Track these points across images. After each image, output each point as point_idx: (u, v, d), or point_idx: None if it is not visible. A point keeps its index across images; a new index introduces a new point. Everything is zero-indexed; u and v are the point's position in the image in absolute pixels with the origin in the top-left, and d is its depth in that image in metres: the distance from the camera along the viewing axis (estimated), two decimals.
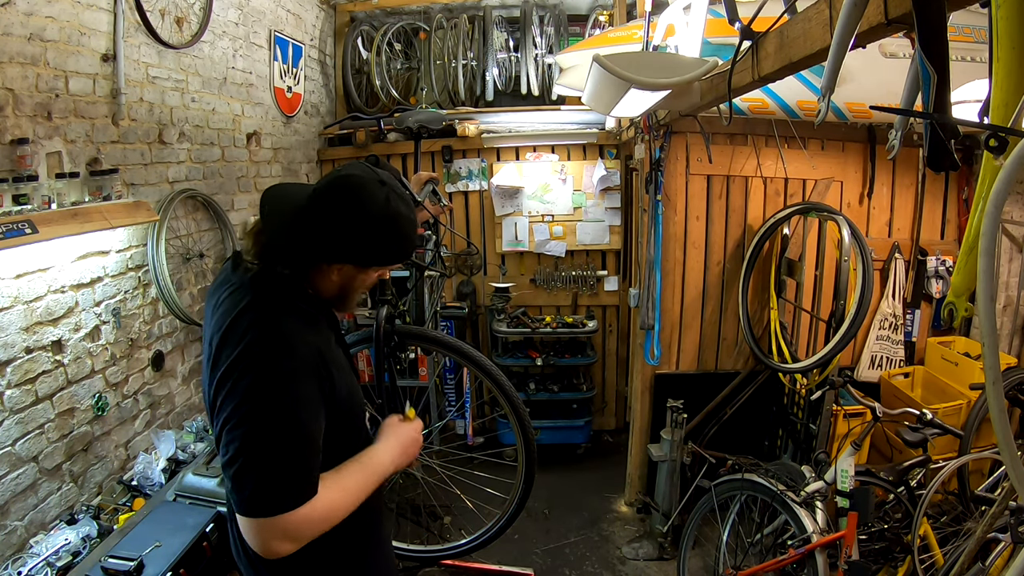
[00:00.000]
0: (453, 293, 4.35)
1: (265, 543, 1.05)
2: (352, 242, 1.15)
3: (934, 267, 3.28)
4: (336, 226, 1.13)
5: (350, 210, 1.13)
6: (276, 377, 1.06)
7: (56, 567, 1.82)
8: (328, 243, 1.14)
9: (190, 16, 2.74)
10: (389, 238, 1.17)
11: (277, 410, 1.05)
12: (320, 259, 1.17)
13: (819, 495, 2.31)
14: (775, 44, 1.43)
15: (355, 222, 1.13)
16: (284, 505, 1.03)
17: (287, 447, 1.05)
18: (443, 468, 2.32)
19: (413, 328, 2.01)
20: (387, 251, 1.20)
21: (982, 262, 0.71)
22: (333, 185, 1.15)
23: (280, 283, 1.16)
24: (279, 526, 1.04)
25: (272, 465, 1.04)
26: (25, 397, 1.93)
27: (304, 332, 1.13)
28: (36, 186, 1.87)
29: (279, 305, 1.13)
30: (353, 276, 1.22)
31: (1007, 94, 0.83)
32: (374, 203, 1.13)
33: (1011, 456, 0.76)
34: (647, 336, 3.25)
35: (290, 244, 1.15)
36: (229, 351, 1.07)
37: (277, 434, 1.05)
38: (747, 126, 3.13)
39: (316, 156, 4.30)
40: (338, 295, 1.24)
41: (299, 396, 1.08)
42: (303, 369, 1.10)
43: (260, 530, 1.04)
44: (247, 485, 1.03)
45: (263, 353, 1.06)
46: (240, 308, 1.11)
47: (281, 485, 1.04)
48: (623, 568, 3.13)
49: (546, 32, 4.27)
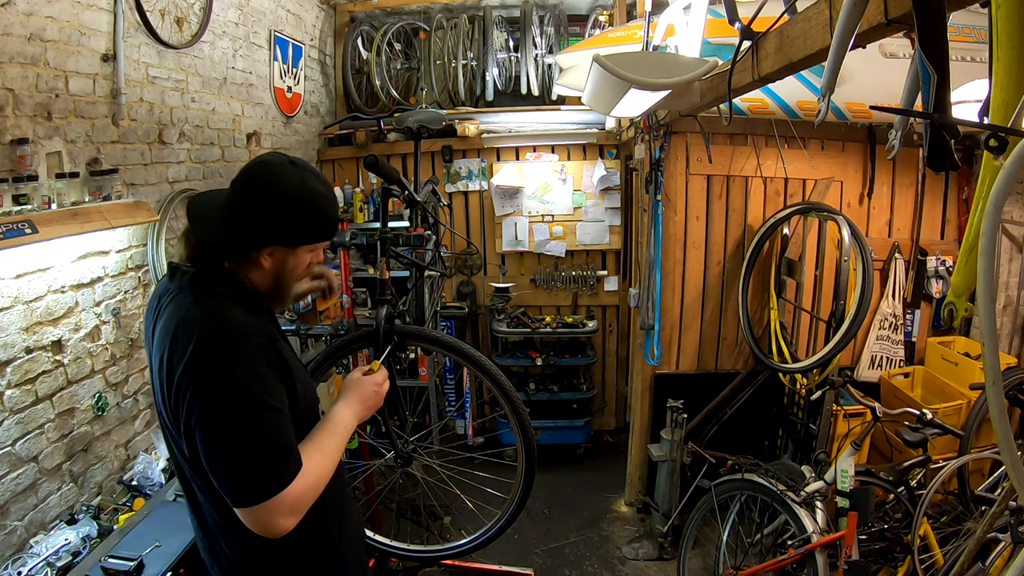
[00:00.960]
0: (453, 293, 4.35)
1: (273, 524, 1.07)
2: (274, 222, 1.18)
3: (934, 267, 3.28)
4: (256, 209, 1.17)
5: (266, 191, 1.17)
6: (235, 366, 1.07)
7: (56, 567, 1.82)
8: (252, 227, 1.17)
9: (190, 16, 2.74)
10: (308, 214, 1.20)
11: (245, 398, 1.06)
12: (248, 246, 1.19)
13: (819, 495, 2.31)
14: (775, 44, 1.43)
15: (273, 202, 1.17)
16: (281, 484, 1.07)
17: (266, 430, 1.07)
18: (443, 468, 2.32)
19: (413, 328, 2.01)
20: (309, 228, 1.22)
21: (982, 262, 0.71)
22: (247, 172, 1.20)
23: (219, 279, 1.19)
24: (283, 504, 1.07)
25: (258, 451, 1.06)
26: (25, 397, 1.93)
27: (250, 319, 1.16)
28: (36, 186, 1.87)
29: (222, 298, 1.15)
30: (284, 260, 1.23)
31: (1007, 94, 0.83)
32: (288, 182, 1.18)
33: (1011, 456, 0.76)
34: (647, 336, 3.25)
35: (218, 237, 1.19)
36: (182, 351, 1.08)
37: (253, 421, 1.06)
38: (747, 126, 3.13)
39: (316, 156, 4.30)
40: (274, 285, 1.26)
41: (262, 378, 1.10)
42: (259, 352, 1.12)
43: (265, 514, 1.06)
44: (240, 477, 1.05)
45: (216, 346, 1.08)
46: (185, 308, 1.13)
47: (272, 467, 1.07)
48: (623, 568, 3.13)
49: (546, 32, 4.27)
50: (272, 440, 1.08)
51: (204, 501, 1.20)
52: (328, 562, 1.32)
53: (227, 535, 1.21)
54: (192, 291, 1.16)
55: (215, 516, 1.20)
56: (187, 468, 1.18)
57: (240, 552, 1.22)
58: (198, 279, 1.18)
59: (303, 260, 1.27)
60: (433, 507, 3.29)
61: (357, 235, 2.99)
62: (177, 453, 1.18)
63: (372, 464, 2.67)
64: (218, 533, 1.22)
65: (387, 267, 1.84)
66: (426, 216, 2.22)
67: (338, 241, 2.88)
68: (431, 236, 2.26)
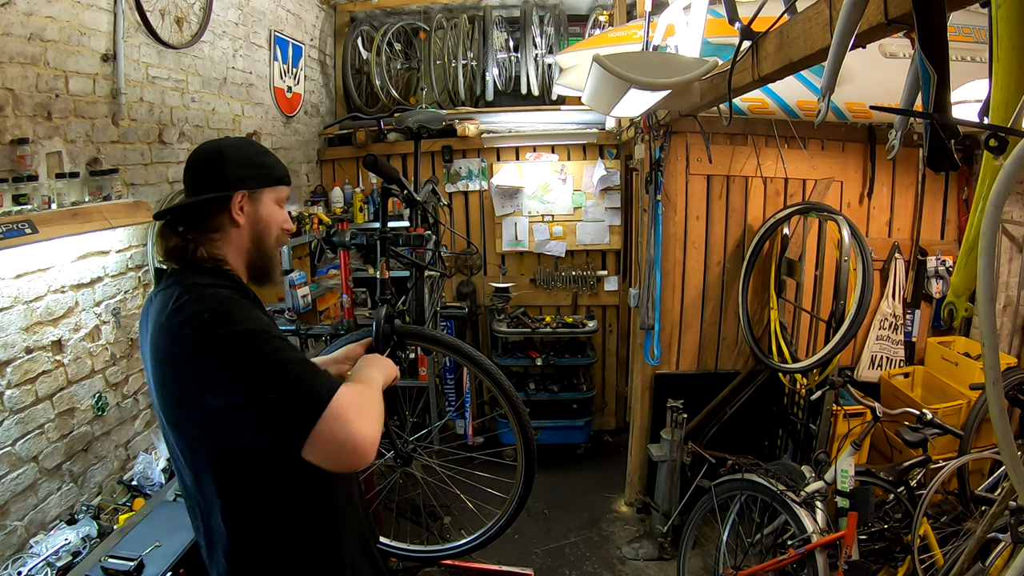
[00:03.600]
0: (453, 293, 4.35)
1: (347, 431, 1.02)
2: (229, 168, 1.22)
3: (934, 267, 3.28)
4: (211, 164, 1.23)
5: (213, 149, 1.26)
6: (236, 322, 1.06)
7: (56, 567, 1.82)
8: (213, 180, 1.21)
9: (190, 16, 2.74)
10: (256, 153, 1.28)
11: (255, 340, 1.05)
12: (213, 204, 1.22)
13: (819, 495, 2.31)
14: (775, 44, 1.43)
15: (221, 153, 1.24)
16: (331, 385, 1.05)
17: (291, 357, 1.06)
18: (443, 468, 2.32)
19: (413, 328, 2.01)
20: (263, 167, 1.28)
21: (982, 262, 0.71)
22: (193, 152, 1.29)
23: (201, 271, 1.19)
24: (344, 405, 1.03)
25: (294, 376, 1.04)
26: (25, 397, 1.93)
27: (240, 298, 1.16)
28: (36, 186, 1.87)
29: (209, 285, 1.15)
30: (256, 211, 1.26)
31: (1007, 94, 0.83)
32: (229, 140, 1.29)
33: (1011, 456, 0.76)
34: (647, 336, 3.25)
35: (186, 210, 1.23)
36: (178, 331, 1.06)
37: (276, 354, 1.05)
38: (747, 126, 3.13)
39: (316, 156, 4.30)
40: (255, 249, 1.27)
41: (267, 323, 1.11)
42: (256, 314, 1.12)
43: (332, 423, 1.01)
44: (291, 404, 1.02)
45: (213, 316, 1.06)
46: (174, 299, 1.11)
47: (315, 380, 1.05)
48: (623, 568, 3.13)
49: (546, 32, 4.27)
50: (300, 359, 1.07)
51: (202, 501, 1.20)
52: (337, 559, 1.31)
53: (227, 537, 1.20)
54: (178, 286, 1.15)
55: (215, 518, 1.19)
56: (187, 469, 1.18)
57: (243, 552, 1.22)
58: (183, 273, 1.18)
59: (273, 210, 1.29)
60: (433, 507, 3.29)
61: (357, 235, 2.99)
62: (177, 453, 1.18)
63: (372, 464, 2.67)
64: (219, 534, 1.21)
65: (387, 267, 1.84)
66: (426, 216, 2.22)
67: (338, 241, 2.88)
68: (431, 236, 2.26)
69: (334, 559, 1.30)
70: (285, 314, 3.18)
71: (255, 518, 1.15)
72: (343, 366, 1.54)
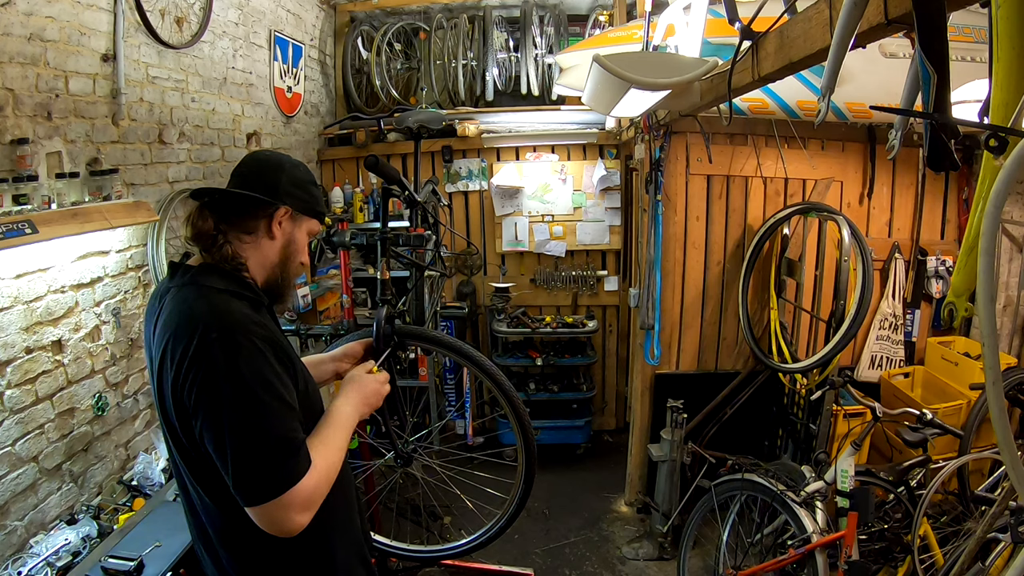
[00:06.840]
0: (453, 293, 4.35)
1: (287, 521, 1.06)
2: (286, 183, 1.25)
3: (934, 267, 3.28)
4: (271, 172, 1.25)
5: (276, 161, 1.29)
6: (240, 357, 1.06)
7: (56, 567, 1.82)
8: (262, 186, 1.23)
9: (190, 16, 2.74)
10: (311, 184, 1.32)
11: (253, 391, 1.05)
12: (259, 205, 1.23)
13: (819, 495, 2.31)
14: (775, 44, 1.43)
15: (283, 169, 1.27)
16: (293, 478, 1.06)
17: (276, 424, 1.06)
18: (443, 468, 2.32)
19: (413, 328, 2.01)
20: (313, 198, 1.31)
21: (982, 262, 0.71)
22: (251, 155, 1.32)
23: (220, 275, 1.18)
24: (296, 500, 1.06)
25: (268, 446, 1.05)
26: (25, 397, 1.93)
27: (253, 314, 1.15)
28: (36, 186, 1.87)
29: (224, 293, 1.15)
30: (292, 231, 1.28)
31: (1007, 94, 0.83)
32: (290, 160, 1.32)
33: (1011, 456, 0.76)
34: (647, 336, 3.25)
35: (230, 198, 1.23)
36: (186, 344, 1.06)
37: (262, 414, 1.05)
38: (747, 126, 3.13)
39: (316, 156, 4.30)
40: (281, 263, 1.28)
41: (268, 370, 1.09)
42: (263, 345, 1.11)
43: (278, 511, 1.05)
44: (251, 473, 1.04)
45: (221, 337, 1.06)
46: (187, 303, 1.11)
47: (283, 461, 1.06)
48: (623, 568, 3.13)
49: (546, 32, 4.27)
50: (282, 434, 1.07)
51: (201, 505, 1.19)
52: (332, 565, 1.31)
53: (226, 539, 1.20)
54: (194, 287, 1.14)
55: (215, 519, 1.19)
56: (185, 471, 1.17)
57: (239, 555, 1.21)
58: (199, 275, 1.17)
59: (304, 239, 1.31)
60: (433, 507, 3.29)
61: (357, 235, 2.97)
62: (176, 455, 1.17)
63: (372, 464, 2.67)
64: (216, 537, 1.21)
65: (387, 267, 1.84)
66: (426, 216, 2.22)
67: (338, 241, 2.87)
68: (431, 236, 2.26)
69: (327, 567, 1.30)
70: (285, 314, 3.18)
71: (247, 525, 1.15)
72: (342, 364, 1.56)
